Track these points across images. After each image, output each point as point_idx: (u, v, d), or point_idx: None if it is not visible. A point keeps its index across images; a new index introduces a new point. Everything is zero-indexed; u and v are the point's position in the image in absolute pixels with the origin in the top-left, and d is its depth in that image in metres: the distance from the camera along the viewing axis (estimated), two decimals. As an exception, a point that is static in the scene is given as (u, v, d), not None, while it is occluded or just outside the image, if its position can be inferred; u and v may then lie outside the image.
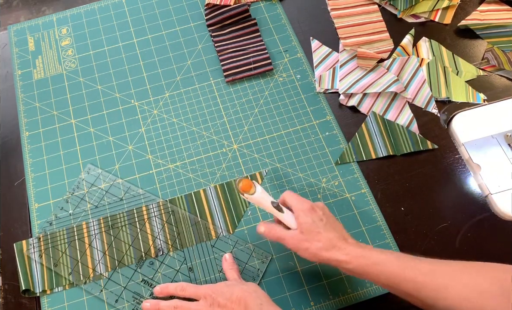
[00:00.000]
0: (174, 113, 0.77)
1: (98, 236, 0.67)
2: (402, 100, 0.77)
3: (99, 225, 0.67)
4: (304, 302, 0.63)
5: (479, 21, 0.84)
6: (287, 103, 0.78)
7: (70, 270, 0.64)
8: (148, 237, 0.67)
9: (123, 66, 0.81)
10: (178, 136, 0.75)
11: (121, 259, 0.65)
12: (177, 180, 0.71)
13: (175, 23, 0.86)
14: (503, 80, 0.79)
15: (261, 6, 0.87)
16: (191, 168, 0.72)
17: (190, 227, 0.67)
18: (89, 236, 0.67)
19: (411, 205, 0.69)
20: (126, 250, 0.66)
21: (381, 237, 0.67)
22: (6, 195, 0.71)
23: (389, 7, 0.87)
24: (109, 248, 0.66)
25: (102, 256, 0.65)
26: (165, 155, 0.73)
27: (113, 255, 0.65)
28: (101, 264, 0.65)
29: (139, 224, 0.67)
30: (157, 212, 0.68)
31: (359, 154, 0.72)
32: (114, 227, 0.67)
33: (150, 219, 0.68)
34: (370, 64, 0.79)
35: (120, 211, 0.68)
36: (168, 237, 0.67)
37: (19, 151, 0.74)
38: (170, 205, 0.69)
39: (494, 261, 0.65)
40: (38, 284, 0.63)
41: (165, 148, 0.74)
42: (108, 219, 0.68)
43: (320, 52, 0.82)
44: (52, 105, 0.78)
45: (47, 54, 0.83)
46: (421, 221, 0.68)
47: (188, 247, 0.66)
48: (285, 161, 0.73)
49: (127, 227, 0.67)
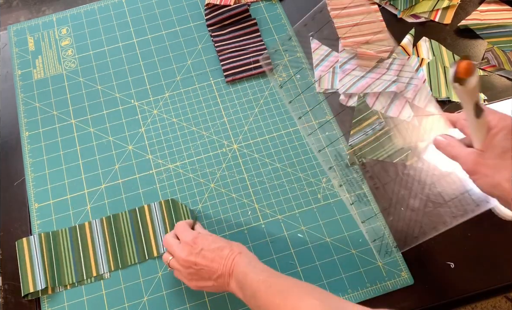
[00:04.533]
0: (174, 113, 0.77)
1: (100, 234, 0.67)
2: (402, 100, 0.77)
3: (101, 224, 0.68)
4: (304, 302, 0.63)
5: (479, 21, 0.84)
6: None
7: (73, 268, 0.65)
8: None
9: (123, 66, 0.81)
10: (178, 136, 0.75)
11: (124, 258, 0.65)
12: (177, 180, 0.71)
13: (175, 23, 0.86)
14: (503, 80, 0.79)
15: (261, 6, 0.87)
16: (191, 168, 0.72)
17: None
18: (91, 234, 0.67)
19: (411, 205, 0.69)
20: (128, 249, 0.66)
21: (381, 238, 0.67)
22: (6, 195, 0.71)
23: (389, 7, 0.87)
24: (112, 246, 0.66)
25: (105, 254, 0.66)
26: (165, 155, 0.73)
27: (115, 254, 0.66)
28: (104, 263, 0.65)
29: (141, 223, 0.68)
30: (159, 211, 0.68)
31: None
32: (117, 225, 0.67)
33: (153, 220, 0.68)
34: (370, 64, 0.79)
35: (122, 211, 0.68)
36: None
37: (19, 151, 0.74)
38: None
39: (494, 261, 0.65)
40: (40, 282, 0.63)
41: (165, 148, 0.74)
42: (111, 218, 0.68)
43: (320, 52, 0.82)
44: (52, 105, 0.78)
45: (47, 54, 0.83)
46: (421, 221, 0.68)
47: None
48: (285, 161, 0.73)
49: (129, 225, 0.67)
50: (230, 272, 0.54)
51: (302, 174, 0.72)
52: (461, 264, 0.65)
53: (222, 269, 0.55)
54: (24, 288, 0.63)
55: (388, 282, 0.64)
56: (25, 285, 0.63)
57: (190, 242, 0.57)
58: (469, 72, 0.44)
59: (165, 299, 0.64)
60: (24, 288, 0.63)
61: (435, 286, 0.64)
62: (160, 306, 0.63)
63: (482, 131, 0.49)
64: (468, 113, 0.48)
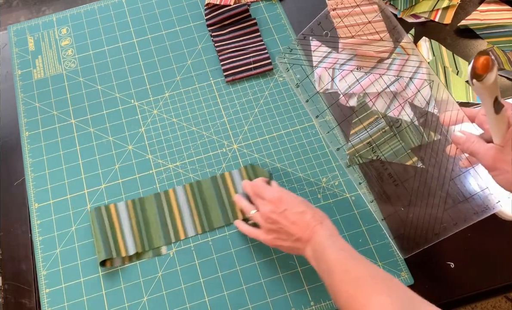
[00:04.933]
0: (174, 113, 0.77)
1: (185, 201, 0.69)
2: (402, 100, 0.77)
3: (184, 190, 0.70)
4: (304, 302, 0.63)
5: (479, 21, 0.84)
6: (287, 103, 0.78)
7: (161, 232, 0.67)
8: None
9: (123, 66, 0.81)
10: (178, 136, 0.75)
11: (210, 221, 0.68)
12: (177, 180, 0.71)
13: (175, 23, 0.86)
14: (503, 80, 0.79)
15: (261, 6, 0.87)
16: (191, 168, 0.72)
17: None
18: (177, 199, 0.69)
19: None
20: (213, 213, 0.68)
21: (381, 237, 0.67)
22: (6, 195, 0.71)
23: (389, 7, 0.87)
24: (197, 210, 0.69)
25: (190, 218, 0.68)
26: (165, 155, 0.73)
27: (201, 217, 0.68)
28: (190, 227, 0.68)
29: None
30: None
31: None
32: (201, 191, 0.70)
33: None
34: (370, 64, 0.79)
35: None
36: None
37: (19, 151, 0.74)
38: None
39: (494, 261, 0.65)
40: (130, 246, 0.66)
41: (165, 148, 0.74)
42: (193, 185, 0.70)
43: (320, 52, 0.82)
44: (52, 105, 0.78)
45: (47, 54, 0.83)
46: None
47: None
48: (285, 161, 0.73)
49: (212, 191, 0.70)
50: (308, 239, 0.55)
51: (302, 174, 0.72)
52: (461, 264, 0.65)
53: (300, 233, 0.55)
54: (107, 254, 0.64)
55: (388, 282, 0.64)
56: (112, 251, 0.65)
57: (275, 200, 0.58)
58: (487, 67, 0.42)
59: (165, 299, 0.64)
60: (108, 254, 0.64)
61: (435, 286, 0.64)
62: (160, 306, 0.63)
63: (502, 126, 0.47)
64: (487, 109, 0.47)
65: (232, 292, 0.64)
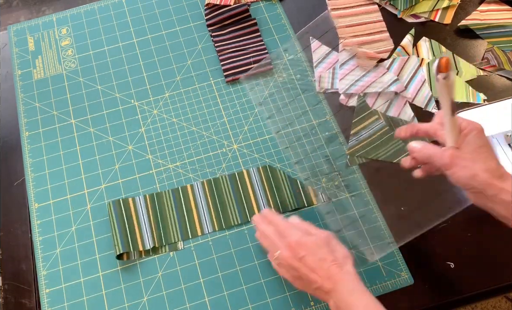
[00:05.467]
0: (174, 113, 0.77)
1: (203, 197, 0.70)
2: (402, 100, 0.77)
3: (203, 186, 0.70)
4: (304, 302, 0.63)
5: (479, 21, 0.84)
6: (287, 103, 0.78)
7: (178, 227, 0.67)
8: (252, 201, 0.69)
9: (123, 66, 0.81)
10: (178, 136, 0.75)
11: (227, 218, 0.68)
12: (177, 180, 0.71)
13: (175, 23, 0.86)
14: (503, 80, 0.79)
15: (261, 6, 0.87)
16: (191, 168, 0.72)
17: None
18: (194, 195, 0.70)
19: (412, 205, 0.69)
20: (231, 210, 0.69)
21: (381, 237, 0.67)
22: (6, 195, 0.71)
23: (389, 7, 0.87)
24: (214, 207, 0.69)
25: (208, 215, 0.68)
26: (165, 155, 0.73)
27: (218, 214, 0.68)
28: (208, 224, 0.68)
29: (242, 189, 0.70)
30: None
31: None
32: (218, 188, 0.70)
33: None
34: (370, 64, 0.79)
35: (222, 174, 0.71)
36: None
37: (19, 151, 0.74)
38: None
39: (494, 261, 0.65)
40: (148, 241, 0.66)
41: (165, 148, 0.74)
42: (211, 181, 0.71)
43: (320, 52, 0.82)
44: (52, 105, 0.78)
45: (47, 54, 0.83)
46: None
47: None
48: (285, 161, 0.73)
49: (229, 188, 0.70)
50: (329, 291, 0.53)
51: (302, 174, 0.72)
52: (461, 264, 0.65)
53: (320, 282, 0.53)
54: (124, 247, 0.64)
55: (388, 282, 0.64)
56: (129, 245, 0.65)
57: (294, 244, 0.55)
58: (448, 66, 0.49)
59: (165, 299, 0.64)
60: (126, 247, 0.65)
61: (435, 286, 0.64)
62: (160, 306, 0.63)
63: (456, 130, 0.52)
64: (445, 109, 0.52)
65: (232, 292, 0.64)
